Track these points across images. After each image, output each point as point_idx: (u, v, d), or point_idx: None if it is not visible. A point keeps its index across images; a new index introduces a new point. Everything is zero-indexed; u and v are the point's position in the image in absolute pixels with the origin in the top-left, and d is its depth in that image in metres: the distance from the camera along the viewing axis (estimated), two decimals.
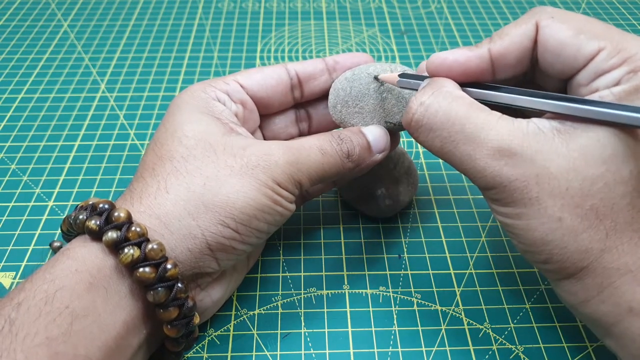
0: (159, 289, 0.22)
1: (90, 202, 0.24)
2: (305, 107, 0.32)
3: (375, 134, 0.28)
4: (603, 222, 0.22)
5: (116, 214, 0.22)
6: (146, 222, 0.23)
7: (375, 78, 0.29)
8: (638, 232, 0.22)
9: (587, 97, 0.22)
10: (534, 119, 0.23)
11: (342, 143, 0.27)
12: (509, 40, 0.25)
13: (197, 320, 0.24)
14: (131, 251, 0.22)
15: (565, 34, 0.23)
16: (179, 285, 0.22)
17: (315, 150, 0.26)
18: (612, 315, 0.22)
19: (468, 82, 0.25)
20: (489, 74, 0.25)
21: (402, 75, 0.27)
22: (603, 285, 0.22)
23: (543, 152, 0.22)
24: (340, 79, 0.30)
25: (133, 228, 0.22)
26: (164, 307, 0.22)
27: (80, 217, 0.23)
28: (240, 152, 0.25)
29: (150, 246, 0.22)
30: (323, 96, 0.32)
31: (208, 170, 0.24)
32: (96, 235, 0.22)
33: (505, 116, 0.23)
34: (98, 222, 0.22)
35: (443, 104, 0.24)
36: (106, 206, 0.23)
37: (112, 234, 0.22)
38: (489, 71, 0.25)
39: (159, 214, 0.23)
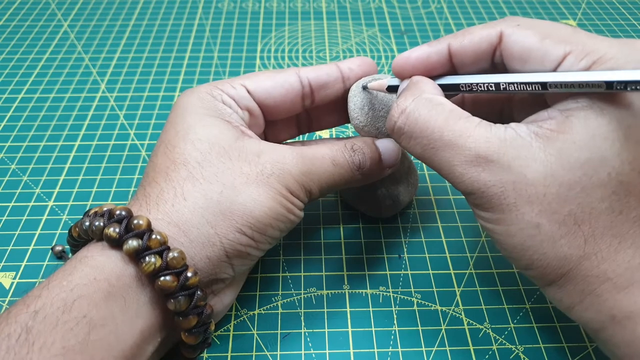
0: (180, 297, 0.22)
1: (106, 208, 0.23)
2: (308, 109, 0.32)
3: (389, 148, 0.29)
4: (581, 228, 0.21)
5: (136, 221, 0.22)
6: (165, 229, 0.23)
7: (364, 88, 0.29)
8: (617, 237, 0.21)
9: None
10: (512, 125, 0.23)
11: (354, 155, 0.27)
12: (469, 39, 0.25)
13: (213, 327, 0.24)
14: (153, 260, 0.21)
15: (530, 39, 0.23)
16: (199, 293, 0.22)
17: (328, 161, 0.27)
18: (596, 322, 0.22)
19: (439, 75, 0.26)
20: (449, 69, 0.26)
21: (389, 89, 0.28)
22: (585, 293, 0.22)
23: (520, 157, 0.22)
24: (362, 82, 0.29)
25: (154, 236, 0.22)
26: (184, 315, 0.22)
27: (97, 223, 0.23)
28: (255, 159, 0.25)
29: (171, 255, 0.22)
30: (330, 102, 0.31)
31: (224, 177, 0.24)
32: (116, 243, 0.22)
33: (484, 122, 0.23)
34: (118, 230, 0.22)
35: (423, 111, 0.24)
36: (124, 213, 0.23)
37: (133, 243, 0.22)
38: (448, 66, 0.26)
39: (177, 221, 0.23)
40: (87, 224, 0.23)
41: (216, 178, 0.24)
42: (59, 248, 0.33)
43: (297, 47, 0.54)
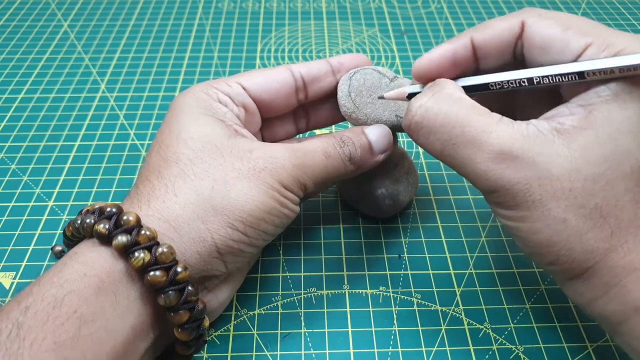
0: (170, 292, 0.22)
1: (97, 206, 0.23)
2: (304, 105, 0.32)
3: (378, 134, 0.29)
4: (607, 221, 0.22)
5: (125, 217, 0.22)
6: (155, 225, 0.23)
7: (380, 97, 0.29)
8: None
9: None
10: (532, 121, 0.23)
11: (344, 146, 0.27)
12: (491, 31, 0.25)
13: (206, 323, 0.24)
14: (142, 255, 0.21)
15: (553, 30, 0.23)
16: (190, 288, 0.22)
17: (319, 154, 0.27)
18: (619, 313, 0.22)
19: (460, 76, 0.26)
20: (473, 63, 0.26)
21: (410, 97, 0.28)
22: (610, 285, 0.22)
23: (544, 154, 0.22)
24: (351, 72, 0.30)
25: (143, 232, 0.22)
26: (175, 310, 0.22)
27: (88, 220, 0.23)
28: (247, 154, 0.25)
29: (160, 250, 0.22)
30: (325, 96, 0.32)
31: (216, 173, 0.24)
32: (105, 239, 0.22)
33: (505, 118, 0.23)
34: (107, 226, 0.22)
35: (443, 106, 0.24)
36: (114, 210, 0.23)
37: (122, 238, 0.22)
38: (472, 60, 0.26)
39: (168, 217, 0.23)
40: (79, 221, 0.23)
41: (207, 174, 0.24)
42: (58, 248, 0.33)
43: (297, 47, 0.54)
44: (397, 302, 0.31)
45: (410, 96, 0.27)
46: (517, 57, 0.25)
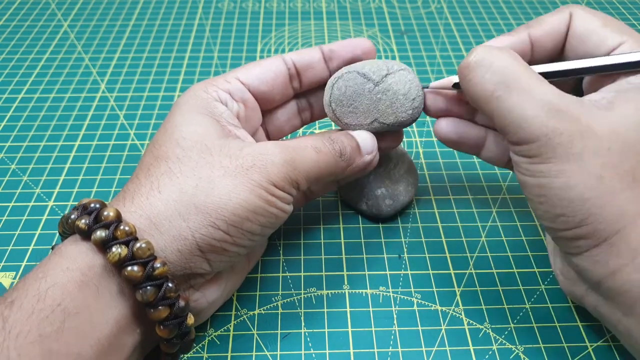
0: (147, 287, 0.22)
1: (83, 202, 0.24)
2: (306, 96, 0.33)
3: (363, 137, 0.29)
4: (639, 185, 0.22)
5: (105, 213, 0.22)
6: (136, 222, 0.23)
7: (425, 87, 0.30)
8: None
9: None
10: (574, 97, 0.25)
11: (334, 143, 0.28)
12: (548, 26, 0.27)
13: (191, 321, 0.24)
14: (119, 250, 0.22)
15: (594, 24, 0.26)
16: (169, 284, 0.22)
17: (310, 149, 0.27)
18: None
19: None
20: (527, 58, 0.28)
21: (455, 86, 0.29)
22: (637, 252, 0.22)
23: (587, 114, 0.23)
24: (336, 76, 0.29)
25: (121, 227, 0.22)
26: (154, 306, 0.22)
27: (72, 217, 0.23)
28: (236, 152, 0.25)
29: (137, 245, 0.22)
30: (323, 85, 0.31)
31: (202, 171, 0.24)
32: (85, 235, 0.22)
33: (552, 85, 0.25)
34: (87, 222, 0.22)
35: (504, 56, 0.25)
36: (96, 205, 0.23)
37: (100, 233, 0.22)
38: (528, 55, 0.28)
39: (149, 214, 0.23)
40: (65, 217, 0.24)
41: (193, 172, 0.24)
42: None
43: (297, 47, 0.54)
44: (397, 302, 0.31)
45: (456, 85, 0.28)
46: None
